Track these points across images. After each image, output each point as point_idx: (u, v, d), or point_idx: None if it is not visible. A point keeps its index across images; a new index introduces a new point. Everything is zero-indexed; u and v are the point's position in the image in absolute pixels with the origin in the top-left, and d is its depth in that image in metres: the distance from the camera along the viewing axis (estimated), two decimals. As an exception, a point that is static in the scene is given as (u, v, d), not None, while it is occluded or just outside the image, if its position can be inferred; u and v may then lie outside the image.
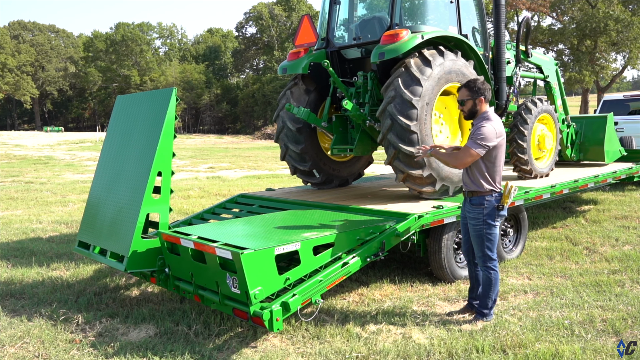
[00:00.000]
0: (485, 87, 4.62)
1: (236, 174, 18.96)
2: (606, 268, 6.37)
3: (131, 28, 79.00)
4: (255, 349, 4.38)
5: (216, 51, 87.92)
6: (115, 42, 77.52)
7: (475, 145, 4.47)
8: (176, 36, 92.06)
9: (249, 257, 4.02)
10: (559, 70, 9.04)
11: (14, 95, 76.42)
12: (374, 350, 4.25)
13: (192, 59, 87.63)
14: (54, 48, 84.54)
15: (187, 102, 76.11)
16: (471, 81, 4.60)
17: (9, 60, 73.46)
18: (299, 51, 6.92)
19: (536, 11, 48.87)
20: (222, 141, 53.16)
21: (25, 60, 76.76)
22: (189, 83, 76.84)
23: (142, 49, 78.75)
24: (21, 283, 6.14)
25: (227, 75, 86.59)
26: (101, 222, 5.44)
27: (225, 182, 16.14)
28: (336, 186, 7.56)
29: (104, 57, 78.22)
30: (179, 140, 51.38)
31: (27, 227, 9.32)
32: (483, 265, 4.75)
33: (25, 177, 18.65)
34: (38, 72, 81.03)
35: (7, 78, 73.40)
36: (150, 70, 78.44)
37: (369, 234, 4.94)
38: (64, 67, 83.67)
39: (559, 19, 48.22)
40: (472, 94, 4.61)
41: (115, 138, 5.74)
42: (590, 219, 9.10)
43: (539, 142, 7.82)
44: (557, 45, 50.36)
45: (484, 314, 4.74)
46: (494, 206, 4.60)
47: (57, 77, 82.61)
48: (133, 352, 4.28)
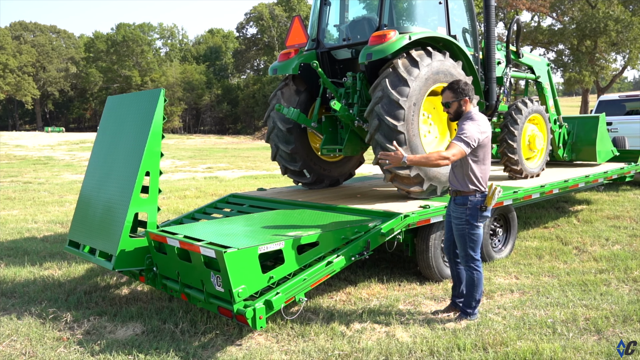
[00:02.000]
0: (469, 87, 4.66)
1: (234, 174, 19.01)
2: (594, 267, 6.41)
3: (132, 28, 79.12)
4: (240, 347, 4.43)
5: (217, 52, 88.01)
6: (116, 42, 77.64)
7: (461, 142, 4.47)
8: (177, 37, 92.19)
9: (232, 255, 4.07)
10: (550, 71, 9.08)
11: (15, 95, 76.57)
12: (357, 349, 4.29)
13: (192, 60, 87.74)
14: (55, 49, 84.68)
15: (187, 103, 76.24)
16: (454, 82, 4.63)
17: (10, 60, 73.61)
18: (290, 52, 6.97)
19: (536, 11, 48.92)
20: (222, 141, 53.22)
21: (27, 60, 76.93)
22: (190, 83, 76.95)
23: (143, 50, 78.86)
24: (13, 282, 6.19)
25: (227, 76, 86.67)
26: (91, 222, 5.49)
27: (222, 182, 16.20)
28: (327, 186, 7.61)
29: (105, 58, 78.35)
30: (178, 140, 51.51)
31: (22, 226, 9.38)
32: (466, 265, 4.79)
33: (24, 177, 18.73)
34: (39, 72, 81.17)
35: (9, 78, 73.54)
36: (151, 71, 78.55)
37: (354, 233, 4.98)
38: (65, 68, 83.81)
39: (559, 19, 48.21)
40: (457, 95, 4.65)
41: (105, 138, 5.79)
42: (582, 218, 9.14)
43: (530, 142, 7.86)
44: (557, 46, 50.35)
45: (468, 313, 4.79)
46: (477, 206, 4.63)
47: (58, 78, 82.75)
48: (119, 349, 4.33)
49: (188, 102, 76.54)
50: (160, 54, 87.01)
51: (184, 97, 75.26)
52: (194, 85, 77.15)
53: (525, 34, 48.54)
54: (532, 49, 53.95)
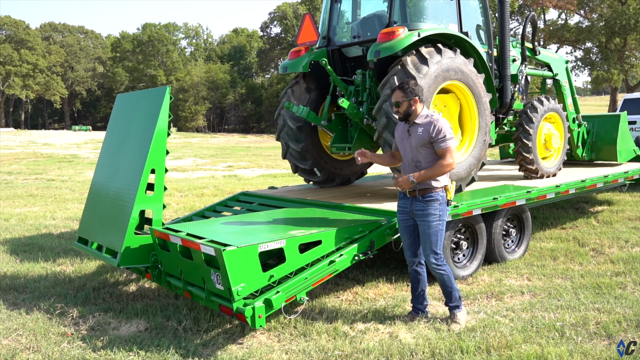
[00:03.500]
0: (419, 88, 4.56)
1: (253, 173, 19.08)
2: (610, 270, 6.23)
3: (158, 28, 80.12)
4: (241, 345, 4.41)
5: (241, 51, 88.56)
6: (142, 42, 78.72)
7: (447, 142, 4.44)
8: (202, 36, 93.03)
9: (231, 253, 4.05)
10: (569, 69, 8.87)
11: (44, 95, 78.19)
12: (358, 349, 4.24)
13: (217, 59, 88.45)
14: (82, 49, 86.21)
15: (212, 102, 76.89)
16: (404, 82, 4.56)
17: (40, 61, 75.17)
18: (300, 50, 6.93)
19: (563, 9, 48.06)
20: (245, 140, 53.51)
21: (56, 61, 78.47)
22: (214, 83, 77.57)
23: (168, 49, 79.82)
24: (25, 277, 6.28)
25: (251, 75, 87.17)
26: (98, 219, 5.54)
27: (240, 181, 16.26)
28: (338, 185, 7.56)
29: (131, 58, 79.51)
30: (202, 139, 51.94)
31: (40, 223, 9.54)
32: (434, 264, 4.62)
33: (48, 174, 19.07)
34: (67, 72, 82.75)
35: (38, 78, 75.13)
36: (176, 70, 79.47)
37: (358, 233, 4.92)
38: (92, 68, 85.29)
39: (586, 17, 47.32)
40: (406, 95, 4.53)
41: (114, 136, 5.84)
42: (602, 219, 8.91)
43: (546, 141, 7.69)
44: (584, 44, 49.45)
45: (456, 306, 4.70)
46: (445, 200, 4.58)
47: (86, 77, 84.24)
48: (120, 346, 4.35)
49: (212, 101, 77.19)
50: (185, 54, 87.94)
51: (209, 96, 75.91)
52: (218, 85, 77.75)
53: (552, 31, 47.78)
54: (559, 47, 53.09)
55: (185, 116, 73.40)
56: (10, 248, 7.66)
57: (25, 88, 74.69)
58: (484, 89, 6.37)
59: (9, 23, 75.80)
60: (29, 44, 75.50)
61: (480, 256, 6.14)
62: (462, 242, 5.96)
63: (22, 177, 17.95)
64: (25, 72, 73.43)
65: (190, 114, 73.70)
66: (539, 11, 51.49)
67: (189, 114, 73.53)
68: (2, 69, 72.42)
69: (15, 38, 75.39)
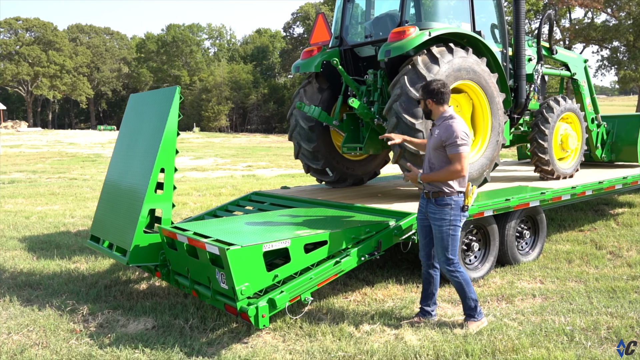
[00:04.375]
0: (438, 89, 4.47)
1: (272, 173, 19.13)
2: (626, 273, 6.10)
3: (182, 29, 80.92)
4: (246, 345, 4.42)
5: (264, 51, 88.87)
6: (166, 43, 79.59)
7: (459, 148, 4.36)
8: (225, 37, 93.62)
9: (235, 253, 4.06)
10: (588, 68, 8.69)
11: (71, 95, 79.55)
12: (362, 350, 4.21)
13: (240, 59, 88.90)
14: (108, 50, 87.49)
15: (234, 102, 77.29)
16: (428, 82, 4.54)
17: (67, 62, 76.51)
18: (312, 49, 6.93)
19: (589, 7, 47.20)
20: (267, 140, 53.68)
21: (82, 61, 79.78)
22: (237, 83, 77.96)
23: (192, 50, 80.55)
24: (40, 274, 6.39)
25: (274, 75, 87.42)
26: (109, 217, 5.61)
27: (259, 181, 16.32)
28: (350, 185, 7.53)
29: (155, 58, 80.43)
30: (224, 139, 52.28)
31: (59, 221, 9.70)
32: (447, 269, 4.57)
33: (71, 173, 19.38)
34: (93, 73, 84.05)
35: (65, 79, 76.46)
36: (199, 71, 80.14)
37: (365, 233, 4.90)
38: (117, 68, 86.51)
39: (613, 15, 46.42)
40: (423, 95, 4.55)
41: (126, 135, 5.91)
42: (622, 222, 8.73)
43: (562, 142, 7.55)
44: (611, 43, 48.54)
45: (472, 315, 4.62)
46: (460, 206, 4.49)
47: (111, 78, 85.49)
48: (127, 343, 4.40)
49: (235, 102, 77.59)
50: (209, 54, 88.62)
51: (231, 96, 76.33)
52: (241, 85, 78.14)
53: (577, 31, 46.98)
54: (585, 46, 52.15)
55: (208, 116, 73.94)
56: (28, 245, 7.81)
57: (52, 88, 76.14)
58: (497, 89, 6.29)
59: (37, 25, 77.32)
60: (56, 45, 76.94)
61: (492, 258, 6.07)
62: (474, 244, 5.89)
63: (46, 176, 18.27)
64: (53, 72, 74.86)
65: (213, 114, 74.21)
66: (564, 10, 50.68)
67: (211, 114, 74.04)
68: (31, 70, 73.92)
69: (43, 40, 76.90)
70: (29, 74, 73.69)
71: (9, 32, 77.13)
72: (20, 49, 74.33)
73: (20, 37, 76.27)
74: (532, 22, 52.89)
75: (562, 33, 49.81)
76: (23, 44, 75.54)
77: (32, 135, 50.46)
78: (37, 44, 76.28)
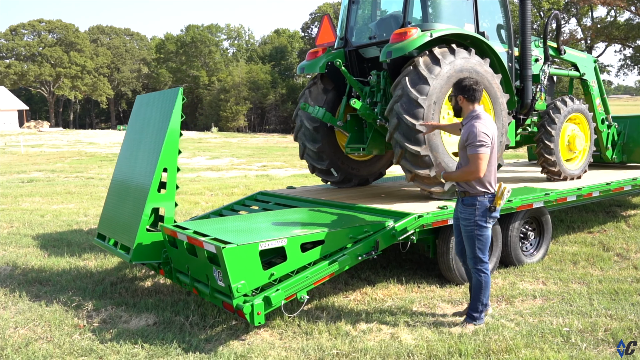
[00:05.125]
0: (470, 86, 4.51)
1: (286, 173, 19.22)
2: (631, 276, 6.05)
3: (200, 30, 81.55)
4: (243, 342, 4.49)
5: (282, 51, 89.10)
6: (185, 43, 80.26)
7: (478, 149, 4.38)
8: (244, 37, 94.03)
9: (231, 251, 4.14)
10: (598, 68, 8.60)
11: (91, 95, 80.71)
12: (356, 349, 4.26)
13: (258, 60, 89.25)
14: (128, 50, 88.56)
15: (252, 102, 77.66)
16: (460, 79, 4.58)
17: (88, 62, 77.65)
18: (317, 51, 6.99)
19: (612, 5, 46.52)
20: (284, 140, 53.83)
21: (102, 62, 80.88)
22: (255, 83, 78.31)
23: (211, 50, 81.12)
24: (50, 271, 6.55)
25: (292, 75, 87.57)
26: (115, 216, 5.74)
27: (272, 180, 16.43)
28: (355, 185, 7.57)
29: (174, 59, 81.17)
30: (242, 139, 52.57)
31: (72, 219, 9.90)
32: (474, 267, 4.66)
33: (88, 173, 19.70)
34: (114, 73, 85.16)
35: (86, 79, 77.61)
36: (218, 71, 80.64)
37: (362, 233, 4.94)
38: (137, 69, 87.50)
39: (637, 13, 45.68)
40: (455, 91, 4.62)
41: (132, 135, 6.03)
42: (633, 224, 8.63)
43: (570, 143, 7.49)
44: (634, 42, 47.80)
45: (474, 318, 4.64)
46: (486, 207, 4.50)
47: (131, 78, 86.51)
48: (127, 339, 4.51)
49: (253, 102, 77.94)
50: (227, 55, 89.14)
51: (249, 96, 76.70)
52: (259, 85, 78.47)
53: (599, 29, 46.35)
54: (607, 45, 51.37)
55: (227, 116, 74.40)
56: (40, 243, 7.99)
57: (73, 89, 77.36)
58: (500, 90, 6.28)
59: (59, 27, 78.60)
60: (78, 47, 78.14)
61: (494, 259, 6.06)
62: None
63: (64, 175, 18.60)
64: (74, 73, 76.05)
65: (231, 114, 74.64)
66: (586, 8, 50.04)
67: (230, 114, 74.48)
68: (53, 71, 75.19)
69: (65, 41, 78.16)
70: (51, 75, 74.96)
71: (32, 33, 78.58)
72: (43, 50, 75.66)
73: (43, 39, 77.65)
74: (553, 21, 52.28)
75: (583, 32, 49.18)
76: (45, 45, 76.87)
77: (54, 135, 51.32)
78: (59, 45, 77.56)
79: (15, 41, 75.97)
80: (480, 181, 4.48)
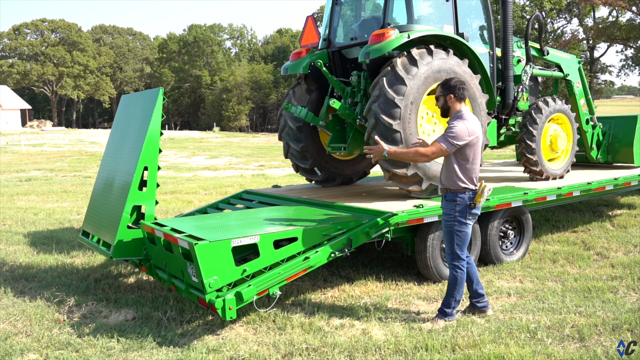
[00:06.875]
0: (458, 85, 4.62)
1: (282, 172, 19.31)
2: (607, 274, 6.13)
3: (203, 29, 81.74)
4: (217, 336, 4.60)
5: (285, 51, 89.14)
6: (187, 43, 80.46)
7: (444, 141, 4.53)
8: (246, 37, 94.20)
9: (203, 247, 4.25)
10: (582, 69, 8.67)
11: (94, 95, 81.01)
12: (326, 343, 4.36)
13: (261, 59, 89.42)
14: (131, 50, 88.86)
15: (255, 102, 77.83)
16: (447, 79, 4.70)
17: (91, 62, 77.93)
18: (301, 51, 7.09)
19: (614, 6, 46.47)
20: (285, 140, 53.92)
21: (105, 62, 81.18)
22: (257, 83, 78.46)
23: (213, 50, 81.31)
24: (37, 267, 6.67)
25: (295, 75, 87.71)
26: (98, 214, 5.86)
27: (267, 180, 16.54)
28: (339, 184, 7.67)
29: (177, 58, 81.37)
30: (243, 139, 52.69)
31: (65, 218, 10.02)
32: (451, 263, 4.76)
33: (86, 172, 19.83)
34: (116, 73, 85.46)
35: (89, 79, 77.92)
36: (220, 71, 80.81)
37: (336, 230, 5.04)
38: (140, 68, 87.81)
39: (639, 13, 45.63)
40: (443, 91, 4.70)
41: (116, 135, 6.14)
42: (617, 224, 8.70)
43: (552, 143, 7.57)
44: (636, 42, 47.75)
45: (446, 314, 4.73)
46: (466, 204, 4.62)
47: (134, 78, 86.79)
48: (104, 333, 4.62)
49: (255, 101, 78.11)
50: (230, 54, 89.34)
51: (252, 96, 76.87)
52: (261, 85, 78.61)
53: (601, 29, 46.30)
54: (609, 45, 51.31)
55: (229, 116, 74.56)
56: (31, 240, 8.12)
57: (76, 88, 77.63)
58: (479, 90, 6.37)
59: (62, 26, 78.92)
60: (80, 46, 78.44)
61: (473, 257, 6.14)
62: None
63: (62, 174, 18.75)
64: (77, 73, 76.36)
65: (233, 113, 74.79)
66: (588, 9, 49.96)
67: (232, 114, 74.64)
68: (56, 71, 75.50)
69: (68, 40, 78.47)
70: (53, 74, 75.26)
71: (35, 33, 78.90)
72: (46, 50, 75.97)
73: (46, 38, 77.97)
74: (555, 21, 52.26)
75: (585, 32, 49.11)
76: (48, 44, 77.20)
77: (56, 134, 51.54)
78: (62, 44, 77.87)
79: (19, 40, 76.33)
80: (461, 178, 4.60)
